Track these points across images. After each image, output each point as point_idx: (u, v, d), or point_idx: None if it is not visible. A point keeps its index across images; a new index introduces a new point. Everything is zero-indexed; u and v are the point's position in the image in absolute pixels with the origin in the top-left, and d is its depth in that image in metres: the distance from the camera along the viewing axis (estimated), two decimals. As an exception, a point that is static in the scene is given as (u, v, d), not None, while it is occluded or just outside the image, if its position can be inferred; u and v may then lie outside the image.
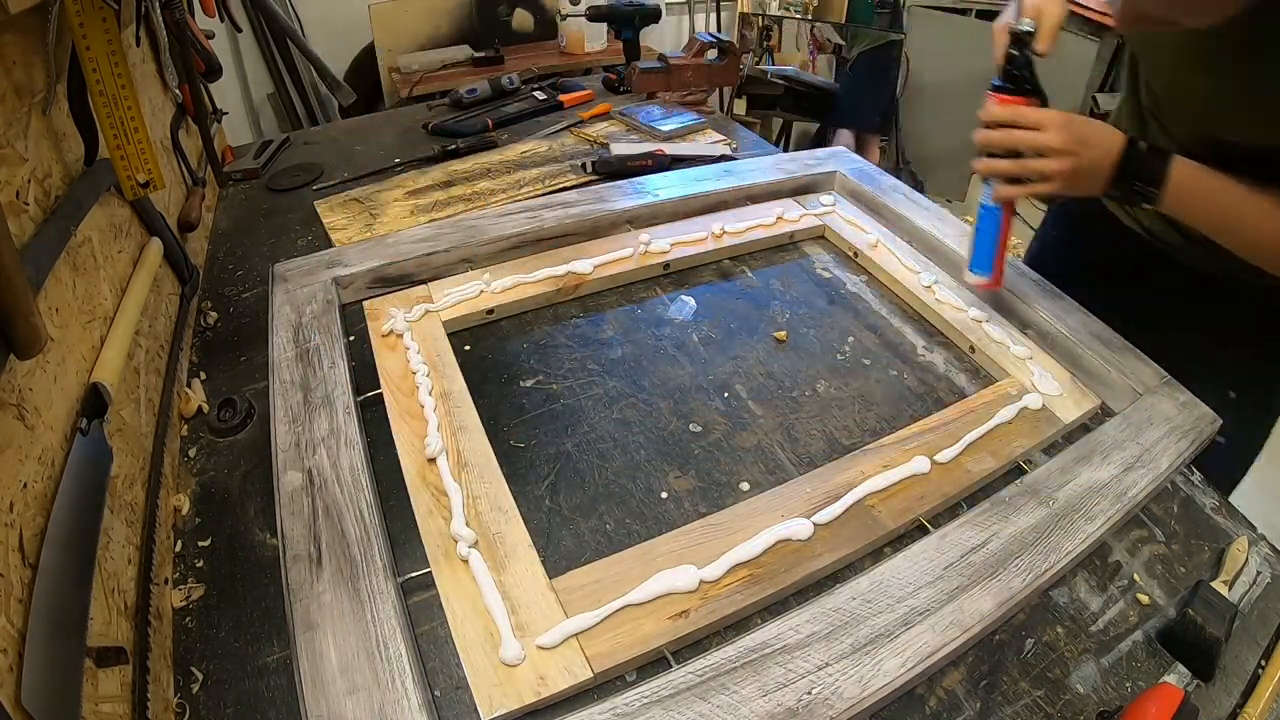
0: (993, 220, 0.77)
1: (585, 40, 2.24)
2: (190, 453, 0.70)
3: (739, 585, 0.55)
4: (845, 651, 0.50)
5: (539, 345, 0.81)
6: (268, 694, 0.51)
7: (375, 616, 0.50)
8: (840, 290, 0.92)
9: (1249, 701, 0.53)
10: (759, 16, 2.91)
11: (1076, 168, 0.68)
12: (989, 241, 0.78)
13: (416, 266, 0.86)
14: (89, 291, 0.61)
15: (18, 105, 0.56)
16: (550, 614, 0.52)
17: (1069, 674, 0.54)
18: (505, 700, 0.47)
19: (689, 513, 0.63)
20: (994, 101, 0.72)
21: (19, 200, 0.53)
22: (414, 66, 2.12)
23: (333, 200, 1.10)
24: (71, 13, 0.60)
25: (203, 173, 1.06)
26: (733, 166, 1.10)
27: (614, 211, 0.97)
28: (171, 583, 0.58)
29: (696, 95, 1.45)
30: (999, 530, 0.58)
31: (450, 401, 0.69)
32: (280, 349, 0.72)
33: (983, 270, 0.80)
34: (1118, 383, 0.74)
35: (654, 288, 0.91)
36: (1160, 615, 0.58)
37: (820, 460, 0.68)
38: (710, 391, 0.75)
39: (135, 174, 0.71)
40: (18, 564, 0.41)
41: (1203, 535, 0.66)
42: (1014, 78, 0.71)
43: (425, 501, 0.60)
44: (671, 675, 0.48)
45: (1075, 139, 0.67)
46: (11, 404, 0.44)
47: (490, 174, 1.17)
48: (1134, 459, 0.65)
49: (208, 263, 0.98)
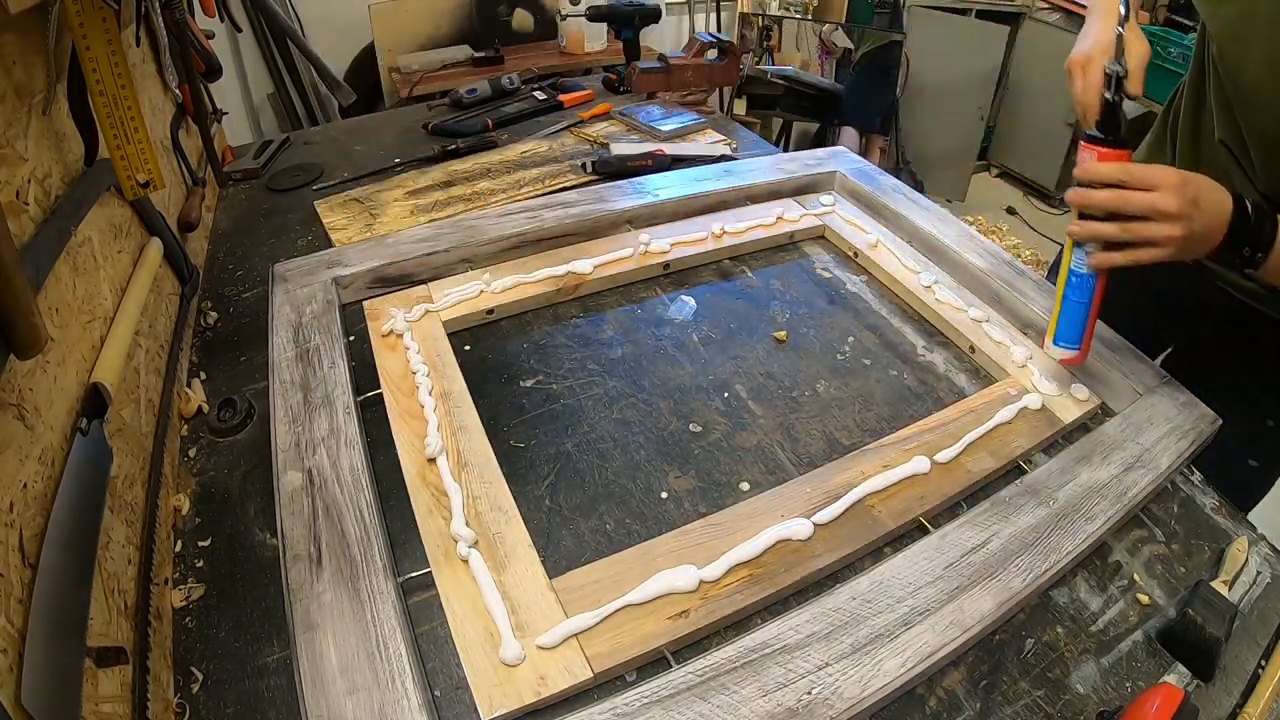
0: (1086, 289, 0.67)
1: (585, 40, 2.24)
2: (190, 453, 0.70)
3: (739, 585, 0.55)
4: (845, 651, 0.50)
5: (539, 345, 0.81)
6: (268, 694, 0.51)
7: (375, 616, 0.50)
8: (840, 290, 0.92)
9: (1249, 701, 0.53)
10: (759, 16, 2.91)
11: (1189, 233, 0.60)
12: (1080, 312, 0.69)
13: (416, 266, 0.86)
14: (89, 291, 0.61)
15: (18, 105, 0.56)
16: (550, 614, 0.52)
17: (1069, 674, 0.54)
18: (505, 700, 0.47)
19: (689, 513, 0.63)
20: (1091, 155, 0.63)
21: (19, 200, 0.53)
22: (414, 66, 2.12)
23: (333, 200, 1.10)
24: (71, 13, 0.60)
25: (203, 173, 1.06)
26: (733, 166, 1.10)
27: (614, 211, 0.97)
28: (171, 583, 0.58)
29: (696, 95, 1.45)
30: (999, 530, 0.58)
31: (450, 401, 0.69)
32: (280, 349, 0.72)
33: (1071, 344, 0.71)
34: (1118, 383, 0.74)
35: (654, 288, 0.91)
36: (1160, 615, 0.58)
37: (820, 460, 0.68)
38: (710, 391, 0.75)
39: (135, 174, 0.71)
40: (18, 564, 0.41)
41: (1203, 535, 0.65)
42: (1112, 126, 0.64)
43: (425, 501, 0.60)
44: (671, 675, 0.48)
45: (1189, 201, 0.59)
46: (11, 404, 0.44)
47: (490, 174, 1.17)
48: (1134, 459, 0.65)
49: (208, 263, 0.98)
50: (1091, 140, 0.64)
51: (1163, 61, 2.52)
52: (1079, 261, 0.67)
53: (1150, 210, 0.60)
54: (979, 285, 0.88)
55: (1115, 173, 0.61)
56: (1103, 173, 0.62)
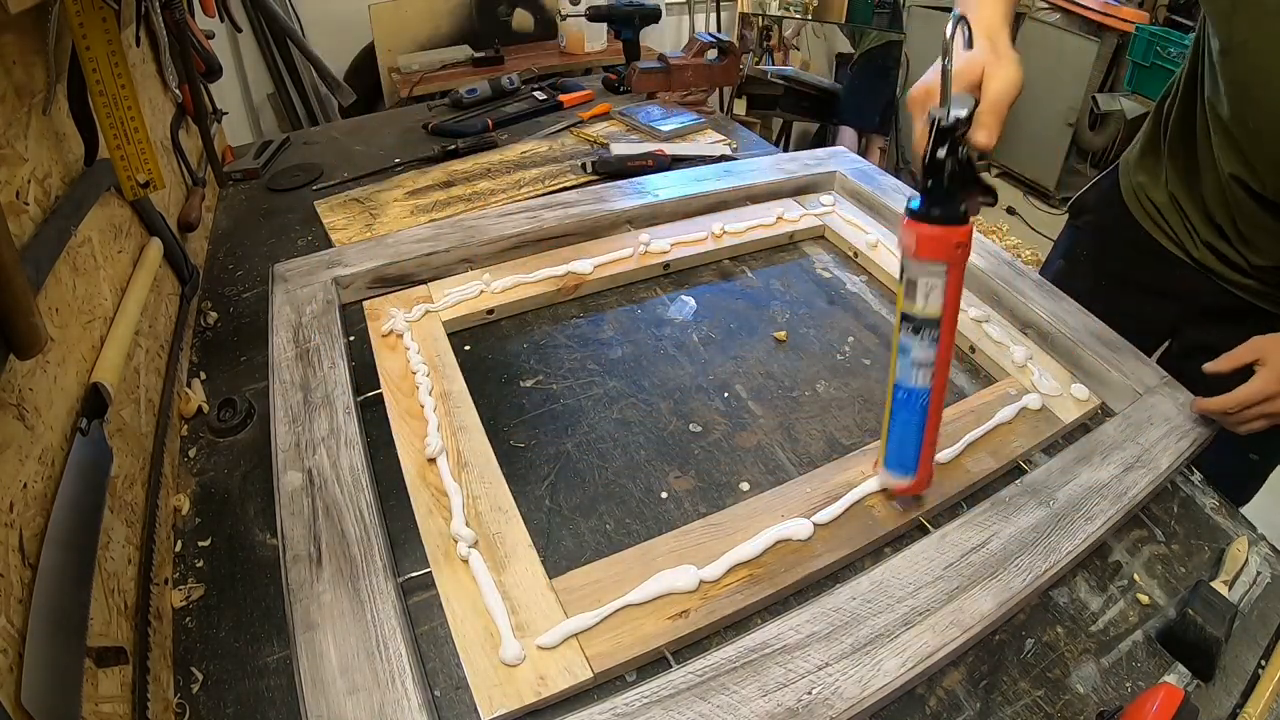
0: (917, 405, 0.55)
1: (585, 40, 2.24)
2: (190, 453, 0.70)
3: (739, 585, 0.55)
4: (845, 651, 0.50)
5: (539, 345, 0.81)
6: (268, 694, 0.51)
7: (375, 616, 0.50)
8: (840, 290, 0.92)
9: (1249, 701, 0.53)
10: (759, 16, 2.91)
11: None
12: (911, 433, 0.57)
13: (416, 266, 0.86)
14: (89, 291, 0.61)
15: (18, 105, 0.56)
16: (550, 614, 0.52)
17: (1069, 674, 0.54)
18: (505, 700, 0.47)
19: (689, 513, 0.63)
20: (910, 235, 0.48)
21: (19, 200, 0.53)
22: (414, 66, 2.12)
23: (333, 200, 1.09)
24: (71, 13, 0.60)
25: (203, 173, 1.06)
26: (733, 166, 1.10)
27: (614, 211, 0.97)
28: (171, 583, 0.58)
29: (696, 95, 1.45)
30: (999, 530, 0.58)
31: (450, 401, 0.69)
32: (280, 349, 0.72)
33: (905, 470, 0.59)
34: (1118, 383, 0.74)
35: (654, 288, 0.91)
36: (1160, 615, 0.58)
37: (820, 460, 0.68)
38: (710, 391, 0.75)
39: (135, 174, 0.71)
40: (18, 564, 0.41)
41: (1203, 535, 0.65)
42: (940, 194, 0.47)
43: (425, 501, 0.60)
44: (671, 675, 0.48)
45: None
46: (11, 404, 0.44)
47: (490, 174, 1.17)
48: (1134, 459, 0.65)
49: (208, 263, 0.98)
50: (910, 214, 0.48)
51: (1163, 62, 2.53)
52: (905, 372, 0.54)
53: (1267, 421, 0.65)
54: (979, 285, 0.88)
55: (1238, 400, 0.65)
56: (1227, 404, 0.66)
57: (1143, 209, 0.90)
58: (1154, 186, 0.88)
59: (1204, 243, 0.83)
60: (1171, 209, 0.86)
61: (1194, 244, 0.85)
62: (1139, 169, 0.91)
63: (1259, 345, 0.66)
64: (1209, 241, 0.83)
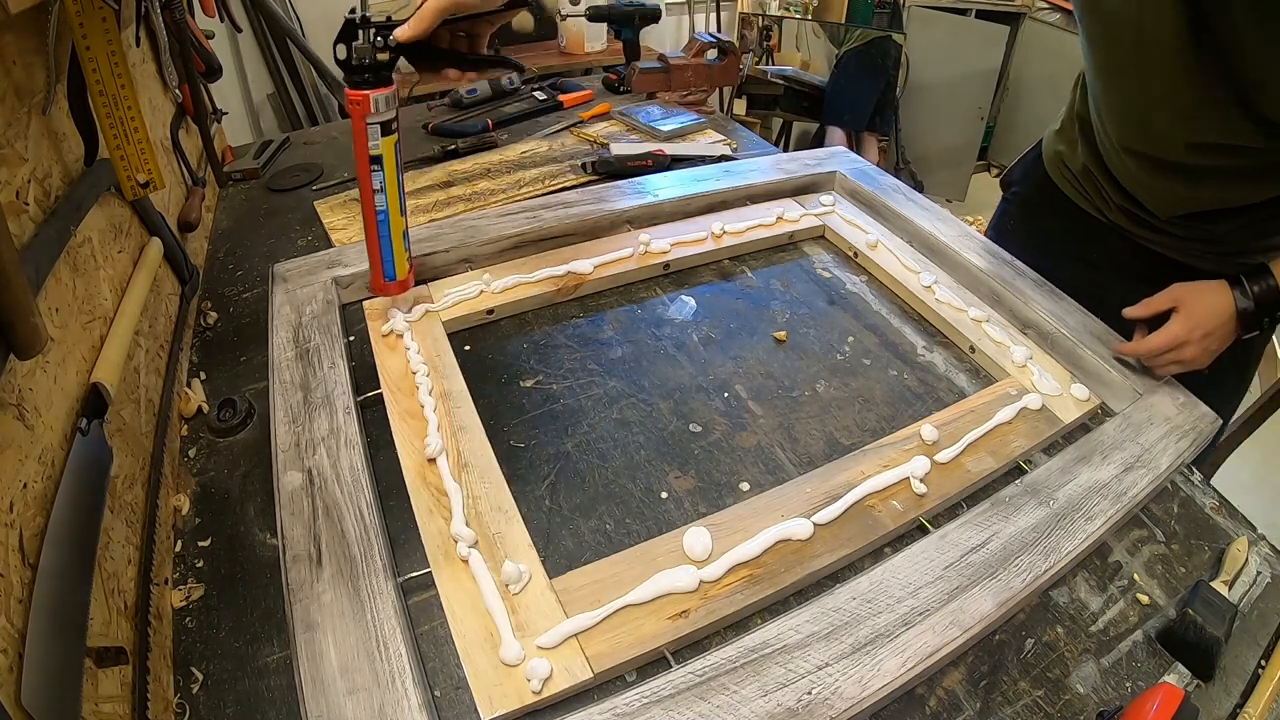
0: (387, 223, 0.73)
1: (585, 40, 2.24)
2: (190, 453, 0.70)
3: (739, 585, 0.55)
4: (845, 651, 0.50)
5: (539, 345, 0.81)
6: (268, 694, 0.51)
7: (375, 616, 0.50)
8: (840, 290, 0.92)
9: (1249, 701, 0.53)
10: (759, 16, 2.91)
11: (1215, 349, 0.72)
12: (389, 244, 0.75)
13: (416, 266, 0.86)
14: (89, 291, 0.61)
15: (18, 105, 0.56)
16: (550, 614, 0.52)
17: (1069, 674, 0.54)
18: (505, 700, 0.47)
19: (689, 513, 0.63)
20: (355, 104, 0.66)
21: (19, 200, 0.53)
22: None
23: (333, 200, 1.10)
24: (71, 13, 0.60)
25: (203, 173, 1.07)
26: (733, 166, 1.10)
27: (614, 211, 0.97)
28: (171, 583, 0.58)
29: (696, 95, 1.45)
30: (999, 530, 0.58)
31: (450, 401, 0.69)
32: (280, 349, 0.72)
33: (392, 277, 0.78)
34: (1118, 383, 0.74)
35: (654, 288, 0.91)
36: (1160, 615, 0.58)
37: (820, 460, 0.68)
38: (710, 391, 0.75)
39: (135, 174, 0.71)
40: (18, 564, 0.41)
41: (1203, 535, 0.66)
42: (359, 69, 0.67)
43: (425, 501, 0.60)
44: (671, 675, 0.48)
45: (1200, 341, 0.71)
46: (11, 404, 0.44)
47: (490, 174, 1.17)
48: (1134, 459, 0.65)
49: (208, 263, 0.98)
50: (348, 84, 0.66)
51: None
52: (381, 200, 0.71)
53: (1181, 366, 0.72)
54: (979, 285, 0.88)
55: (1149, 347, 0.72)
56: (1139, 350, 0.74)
57: (1063, 176, 0.97)
58: (1071, 155, 0.94)
59: (1118, 206, 0.88)
60: (1086, 175, 0.92)
61: (1109, 206, 0.90)
62: (1059, 139, 0.97)
63: (1177, 293, 0.72)
64: (1121, 204, 0.88)
